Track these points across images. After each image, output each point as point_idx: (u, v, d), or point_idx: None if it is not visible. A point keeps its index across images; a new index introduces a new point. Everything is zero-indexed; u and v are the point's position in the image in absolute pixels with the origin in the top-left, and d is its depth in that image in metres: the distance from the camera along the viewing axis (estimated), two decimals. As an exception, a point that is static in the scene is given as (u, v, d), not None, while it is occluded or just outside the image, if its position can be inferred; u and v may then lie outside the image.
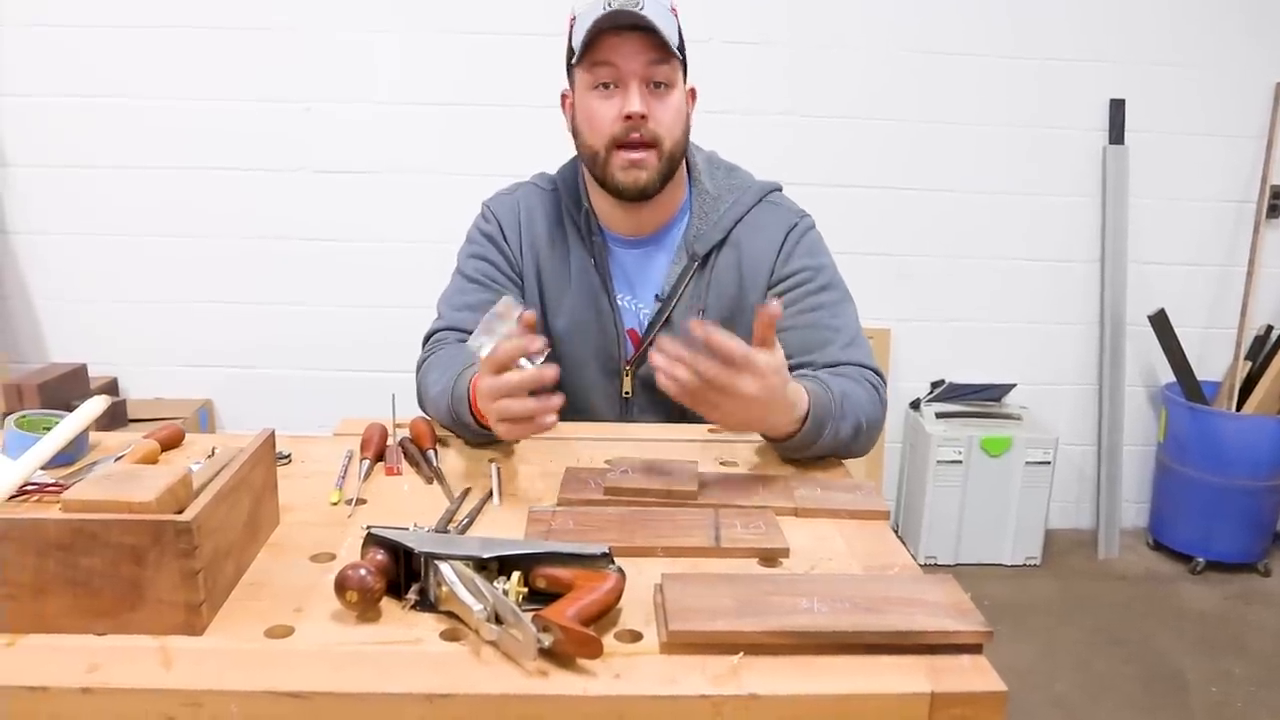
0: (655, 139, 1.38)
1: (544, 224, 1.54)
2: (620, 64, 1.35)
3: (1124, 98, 3.13)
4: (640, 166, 1.39)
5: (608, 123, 1.38)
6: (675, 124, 1.40)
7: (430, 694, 0.73)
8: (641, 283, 1.53)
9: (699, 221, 1.50)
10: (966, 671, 0.78)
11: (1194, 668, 2.62)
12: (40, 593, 0.79)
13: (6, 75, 2.96)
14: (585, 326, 1.52)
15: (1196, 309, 3.32)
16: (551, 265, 1.53)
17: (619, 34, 1.33)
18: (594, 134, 1.40)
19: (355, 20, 2.98)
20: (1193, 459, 3.16)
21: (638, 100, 1.35)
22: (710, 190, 1.51)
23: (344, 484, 1.16)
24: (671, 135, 1.40)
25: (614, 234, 1.53)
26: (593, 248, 1.51)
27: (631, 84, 1.35)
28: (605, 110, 1.38)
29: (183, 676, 0.75)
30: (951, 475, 3.14)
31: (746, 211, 1.51)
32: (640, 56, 1.34)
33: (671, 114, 1.39)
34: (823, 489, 1.16)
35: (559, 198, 1.55)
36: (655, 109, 1.37)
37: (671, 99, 1.39)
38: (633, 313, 1.53)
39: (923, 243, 3.24)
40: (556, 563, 0.86)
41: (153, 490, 0.82)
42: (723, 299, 1.49)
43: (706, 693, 0.74)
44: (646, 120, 1.36)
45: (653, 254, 1.53)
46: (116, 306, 3.15)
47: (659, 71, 1.36)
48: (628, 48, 1.34)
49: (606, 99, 1.38)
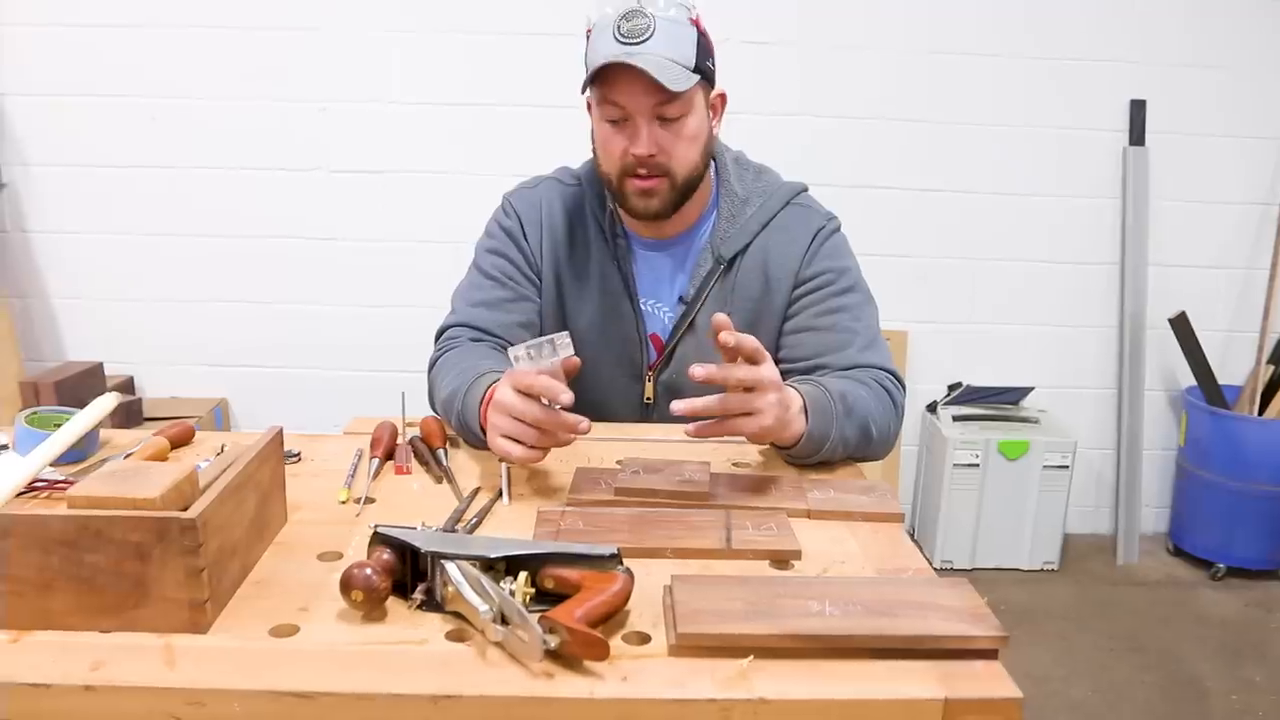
0: (666, 171, 1.36)
1: (566, 222, 1.51)
2: (627, 103, 1.32)
3: (1145, 99, 3.10)
4: (652, 195, 1.38)
5: (617, 155, 1.36)
6: (688, 152, 1.37)
7: (435, 695, 0.73)
8: (665, 285, 1.51)
9: (725, 224, 1.48)
10: (980, 677, 0.76)
11: (1214, 675, 2.58)
12: (45, 589, 0.78)
13: (25, 75, 2.97)
14: (606, 329, 1.50)
15: (1218, 312, 3.28)
16: (572, 265, 1.50)
17: (625, 70, 1.28)
18: (606, 160, 1.39)
19: (371, 21, 2.98)
20: (1214, 464, 3.12)
21: (645, 142, 1.33)
22: (738, 192, 1.49)
23: (353, 482, 1.16)
24: (684, 164, 1.38)
25: (638, 236, 1.50)
26: (616, 250, 1.49)
27: (640, 122, 1.33)
28: (615, 143, 1.36)
29: (186, 675, 0.74)
30: (968, 479, 3.11)
31: (773, 215, 1.48)
32: (646, 98, 1.31)
33: (684, 144, 1.36)
34: (836, 491, 1.15)
35: (582, 194, 1.53)
36: (665, 142, 1.35)
37: (685, 128, 1.35)
38: (656, 317, 1.51)
39: (940, 244, 3.21)
40: (564, 563, 0.85)
41: (158, 487, 0.82)
42: (748, 301, 1.47)
43: (715, 696, 0.73)
44: (655, 158, 1.34)
45: (678, 256, 1.50)
46: (133, 305, 3.16)
47: (668, 109, 1.33)
48: (634, 87, 1.30)
49: (617, 131, 1.35)
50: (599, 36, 1.31)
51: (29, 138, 3.02)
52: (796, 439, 1.20)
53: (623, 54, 1.27)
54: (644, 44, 1.27)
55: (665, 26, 1.28)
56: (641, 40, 1.27)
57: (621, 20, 1.28)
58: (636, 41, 1.27)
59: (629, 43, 1.27)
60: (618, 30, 1.28)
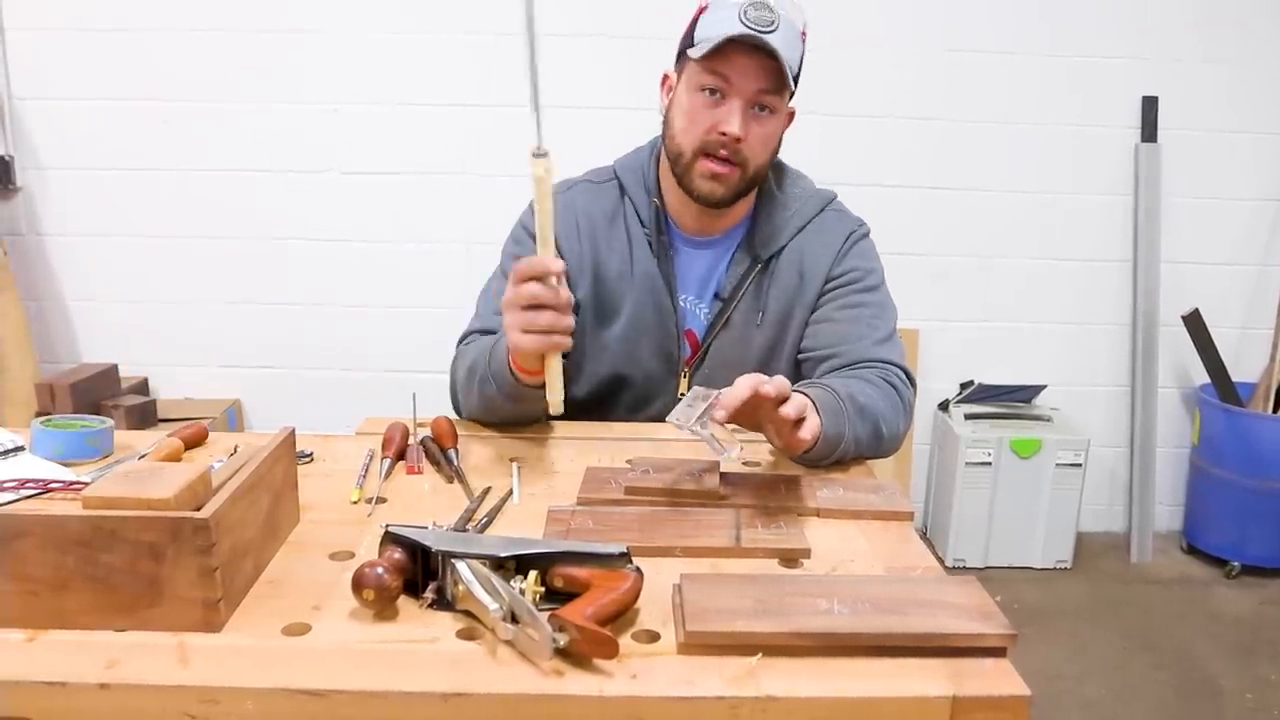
0: (743, 160, 1.38)
1: (604, 221, 1.52)
2: (735, 80, 1.33)
3: (1157, 95, 3.09)
4: (720, 181, 1.39)
5: (702, 129, 1.37)
6: (765, 149, 1.40)
7: (446, 693, 0.73)
8: (702, 282, 1.52)
9: (764, 225, 1.50)
10: (989, 675, 0.77)
11: (1228, 674, 2.57)
12: (61, 589, 0.79)
13: (38, 79, 2.99)
14: (646, 325, 1.50)
15: (1231, 309, 3.27)
16: (612, 264, 1.50)
17: (745, 51, 1.31)
18: (686, 134, 1.39)
19: (381, 22, 2.99)
20: (1227, 461, 3.10)
21: (738, 122, 1.34)
22: (777, 195, 1.51)
23: (364, 482, 1.16)
24: (758, 159, 1.40)
25: (680, 232, 1.51)
26: (659, 246, 1.49)
27: (737, 102, 1.34)
28: (704, 116, 1.36)
29: (200, 673, 0.75)
30: (981, 477, 3.10)
31: (810, 219, 1.51)
32: (756, 81, 1.33)
33: (765, 139, 1.39)
34: (845, 490, 1.15)
35: (619, 191, 1.53)
36: (752, 132, 1.36)
37: (770, 124, 1.38)
38: (693, 314, 1.52)
39: (952, 242, 3.21)
40: (574, 562, 0.86)
41: (172, 487, 0.83)
42: (781, 300, 1.49)
43: (724, 694, 0.74)
44: (740, 142, 1.36)
45: (717, 253, 1.52)
46: (147, 307, 3.18)
47: (768, 98, 1.35)
48: (748, 67, 1.32)
49: (709, 106, 1.36)
50: (720, 13, 1.32)
51: (43, 142, 3.04)
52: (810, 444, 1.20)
53: (750, 35, 1.29)
54: (769, 35, 1.29)
55: (786, 28, 1.31)
56: (768, 30, 1.29)
57: (750, 7, 1.30)
58: (763, 30, 1.29)
59: (756, 29, 1.29)
60: (744, 15, 1.30)
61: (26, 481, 1.07)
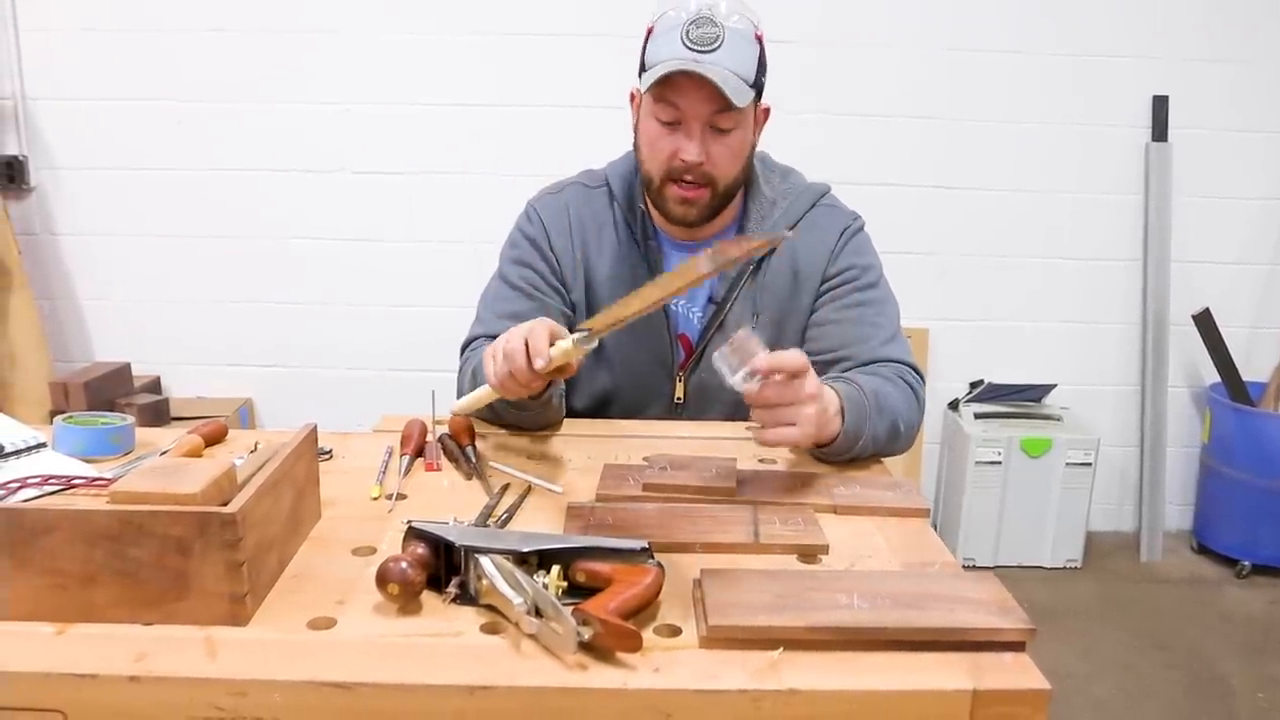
0: (710, 180, 1.38)
1: (595, 226, 1.52)
2: (685, 108, 1.33)
3: (1167, 94, 3.08)
4: (691, 204, 1.39)
5: (664, 157, 1.37)
6: (733, 162, 1.39)
7: (471, 686, 0.74)
8: (695, 287, 1.52)
9: (754, 226, 1.49)
10: (1009, 669, 0.77)
11: (1239, 673, 2.57)
12: (89, 582, 0.80)
13: (52, 80, 3.01)
14: (637, 331, 1.49)
15: (1242, 308, 3.26)
16: (603, 268, 1.51)
17: (690, 76, 1.28)
18: (651, 161, 1.40)
19: (394, 23, 3.00)
20: (1238, 460, 3.10)
21: (695, 149, 1.34)
22: (766, 195, 1.50)
23: (384, 479, 1.17)
24: (727, 174, 1.39)
25: (669, 237, 1.51)
26: (647, 251, 1.49)
27: (694, 127, 1.33)
28: (664, 145, 1.37)
29: (228, 666, 0.76)
30: (990, 476, 3.10)
31: (801, 216, 1.50)
32: (706, 106, 1.31)
33: (730, 154, 1.38)
34: (862, 486, 1.16)
35: (609, 196, 1.53)
36: (713, 151, 1.36)
37: (733, 139, 1.37)
38: (686, 318, 1.52)
39: (962, 241, 3.21)
40: (596, 557, 0.86)
41: (199, 483, 0.83)
42: (776, 301, 1.48)
43: (746, 687, 0.74)
44: (702, 165, 1.35)
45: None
46: (160, 306, 3.20)
47: (723, 119, 1.34)
48: (696, 94, 1.30)
49: (667, 134, 1.36)
50: (664, 37, 1.31)
51: (57, 142, 3.06)
52: (833, 438, 1.21)
53: (690, 61, 1.27)
54: (712, 53, 1.28)
55: (733, 39, 1.29)
56: (710, 49, 1.28)
57: (691, 26, 1.28)
58: (705, 50, 1.28)
59: (697, 49, 1.28)
60: (686, 35, 1.28)
61: (50, 478, 1.08)
